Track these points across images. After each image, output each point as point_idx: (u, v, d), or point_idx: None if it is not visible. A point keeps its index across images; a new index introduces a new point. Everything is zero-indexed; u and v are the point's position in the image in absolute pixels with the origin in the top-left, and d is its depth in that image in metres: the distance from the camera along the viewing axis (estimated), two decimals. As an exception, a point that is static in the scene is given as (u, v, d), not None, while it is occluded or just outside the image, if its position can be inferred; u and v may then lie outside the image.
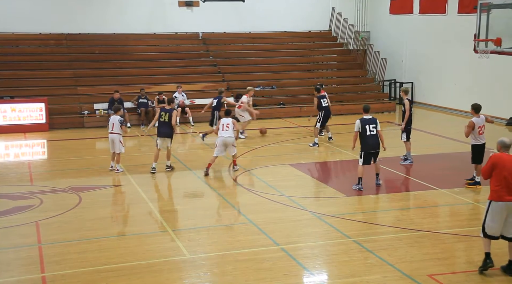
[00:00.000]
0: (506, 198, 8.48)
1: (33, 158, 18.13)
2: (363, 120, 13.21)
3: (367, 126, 13.14)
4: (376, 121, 13.28)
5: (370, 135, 13.15)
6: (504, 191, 8.49)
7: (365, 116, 13.33)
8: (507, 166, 8.54)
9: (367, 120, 13.22)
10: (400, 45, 27.52)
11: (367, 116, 13.33)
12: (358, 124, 13.19)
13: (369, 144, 13.20)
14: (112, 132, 14.93)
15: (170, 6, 27.22)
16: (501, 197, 8.50)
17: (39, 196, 13.02)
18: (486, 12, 16.80)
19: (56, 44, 25.74)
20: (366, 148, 13.23)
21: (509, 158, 8.67)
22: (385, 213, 11.92)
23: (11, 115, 21.15)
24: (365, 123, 13.18)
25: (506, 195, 8.48)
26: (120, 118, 14.96)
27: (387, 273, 8.87)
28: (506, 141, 8.86)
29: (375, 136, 13.23)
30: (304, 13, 28.95)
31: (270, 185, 13.92)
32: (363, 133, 13.17)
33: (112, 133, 14.93)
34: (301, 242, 10.28)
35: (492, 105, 22.12)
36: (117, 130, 14.88)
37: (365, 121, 13.20)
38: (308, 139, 19.04)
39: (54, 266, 9.27)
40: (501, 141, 8.92)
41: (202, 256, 9.70)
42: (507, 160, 8.61)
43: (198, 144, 19.46)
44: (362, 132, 13.17)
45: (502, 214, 8.53)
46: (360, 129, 13.17)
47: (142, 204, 12.74)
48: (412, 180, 14.35)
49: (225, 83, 25.08)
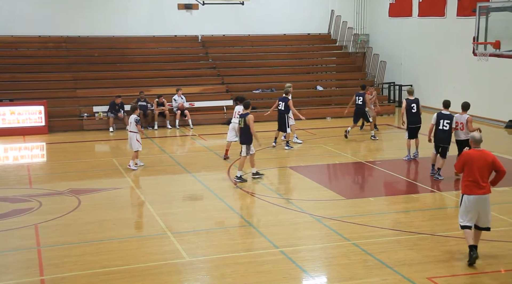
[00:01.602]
0: (477, 192, 9.06)
1: (32, 161, 18.12)
2: (439, 115, 14.08)
3: (441, 121, 14.01)
4: (451, 118, 13.94)
5: (442, 129, 14.03)
6: (475, 185, 9.07)
7: (443, 111, 14.09)
8: (476, 162, 9.09)
9: (444, 115, 14.02)
10: (399, 48, 27.55)
11: (445, 111, 14.08)
12: (435, 117, 14.12)
13: (440, 138, 14.12)
14: (130, 131, 15.61)
15: (170, 9, 27.24)
16: (472, 190, 9.09)
17: (38, 199, 13.01)
18: (485, 15, 16.83)
19: (55, 47, 25.75)
20: (436, 141, 14.19)
21: (478, 153, 9.18)
22: (384, 216, 11.91)
23: (10, 118, 21.12)
24: (441, 117, 14.04)
25: (476, 189, 9.06)
26: (136, 117, 15.48)
27: (387, 276, 8.87)
28: (476, 136, 9.34)
29: (447, 131, 14.01)
30: (303, 16, 28.98)
31: (270, 187, 13.92)
32: (436, 127, 14.16)
33: (129, 132, 15.64)
34: (300, 245, 10.28)
35: (491, 108, 22.18)
36: (133, 129, 15.45)
37: (441, 116, 14.04)
38: (308, 141, 19.02)
39: (53, 269, 9.25)
40: (471, 136, 9.45)
41: (202, 258, 9.69)
42: (476, 156, 9.15)
43: (198, 146, 19.47)
44: (436, 124, 14.16)
45: (474, 206, 9.10)
46: (435, 122, 14.14)
47: (141, 206, 12.74)
48: (412, 182, 14.35)
49: (224, 86, 25.11)
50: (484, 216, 9.18)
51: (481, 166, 9.07)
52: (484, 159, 9.11)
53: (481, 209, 9.12)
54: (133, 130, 15.47)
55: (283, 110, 17.93)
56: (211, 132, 21.22)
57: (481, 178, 9.06)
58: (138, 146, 15.52)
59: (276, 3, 28.66)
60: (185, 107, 22.57)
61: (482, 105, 22.13)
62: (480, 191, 9.05)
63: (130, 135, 15.55)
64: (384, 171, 15.37)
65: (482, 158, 9.12)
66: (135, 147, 15.51)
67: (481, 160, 9.09)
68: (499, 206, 12.21)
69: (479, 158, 9.11)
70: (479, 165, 9.07)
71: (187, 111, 22.43)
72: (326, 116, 23.94)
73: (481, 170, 9.06)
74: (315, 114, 23.65)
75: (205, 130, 21.57)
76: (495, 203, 12.46)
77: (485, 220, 9.21)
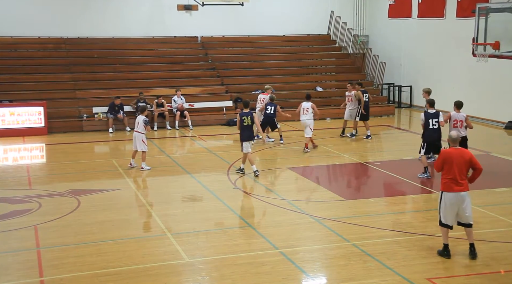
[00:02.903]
0: (455, 189, 9.31)
1: (32, 162, 18.11)
2: (427, 115, 14.33)
3: (430, 120, 14.28)
4: (438, 115, 14.26)
5: (432, 129, 14.31)
6: (453, 182, 9.32)
7: (429, 110, 14.35)
8: (455, 160, 9.35)
9: (431, 115, 14.27)
10: (398, 49, 27.55)
11: (431, 110, 14.34)
12: (423, 118, 14.44)
13: (432, 136, 14.39)
14: (136, 131, 15.63)
15: (169, 10, 27.23)
16: (451, 187, 9.33)
17: (37, 200, 13.00)
18: (485, 16, 16.85)
19: (54, 48, 25.73)
20: (427, 139, 14.48)
21: (457, 151, 9.46)
22: (384, 217, 11.91)
23: (9, 119, 21.11)
24: (429, 117, 14.27)
25: (455, 186, 9.32)
26: (144, 118, 15.57)
27: (386, 277, 8.87)
28: (453, 135, 9.69)
29: (437, 130, 14.32)
30: (303, 17, 28.98)
31: (269, 188, 13.92)
32: (426, 126, 14.40)
33: (135, 132, 15.63)
34: (300, 246, 10.28)
35: (491, 108, 22.18)
36: (140, 129, 15.50)
37: (429, 116, 14.28)
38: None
39: (53, 270, 9.25)
40: (449, 135, 9.91)
41: (201, 260, 9.69)
42: (455, 154, 9.42)
43: (197, 147, 19.46)
44: (425, 125, 14.41)
45: (454, 203, 9.33)
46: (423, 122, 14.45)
47: (140, 207, 12.74)
48: (411, 183, 14.34)
49: (224, 87, 25.11)
50: (464, 212, 9.37)
51: (459, 163, 9.34)
52: (462, 157, 9.39)
53: (460, 205, 9.33)
54: (139, 130, 15.49)
55: (272, 114, 18.37)
56: (210, 133, 21.22)
57: (459, 176, 9.33)
58: (143, 146, 15.51)
59: (275, 4, 28.65)
60: (184, 108, 22.56)
61: (482, 106, 22.14)
62: (458, 187, 9.31)
63: (136, 135, 15.53)
64: (383, 172, 15.37)
65: (460, 156, 9.40)
66: (140, 148, 15.51)
67: (459, 158, 9.36)
68: (499, 206, 12.22)
69: (457, 156, 9.37)
70: (458, 163, 9.33)
71: (186, 112, 22.42)
72: (326, 117, 23.93)
73: (459, 167, 9.34)
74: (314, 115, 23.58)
75: (204, 131, 21.57)
76: (495, 204, 12.52)
77: (466, 216, 9.41)
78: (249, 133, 14.82)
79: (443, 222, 9.46)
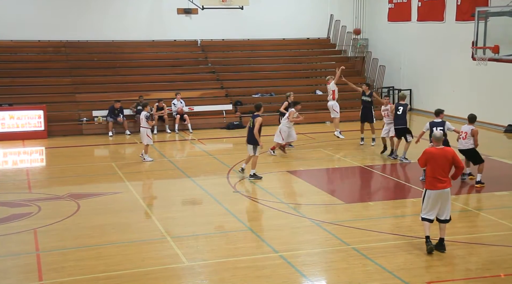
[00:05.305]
0: (439, 186, 9.75)
1: (32, 165, 18.11)
2: (432, 123, 14.19)
3: (434, 128, 14.02)
4: (444, 124, 14.08)
5: None
6: (436, 180, 9.76)
7: (435, 119, 14.24)
8: (438, 159, 9.77)
9: (436, 123, 14.10)
10: (398, 52, 27.57)
11: (437, 119, 14.23)
12: (427, 126, 14.28)
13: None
14: (141, 126, 16.91)
15: (169, 14, 27.23)
16: (434, 185, 9.77)
17: (37, 203, 12.99)
18: (484, 20, 16.88)
19: (54, 51, 25.76)
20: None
21: (439, 151, 9.85)
22: (383, 220, 11.90)
23: (9, 123, 21.11)
24: (433, 125, 14.07)
25: (438, 184, 9.76)
26: (146, 114, 16.76)
27: (386, 280, 8.86)
28: (437, 134, 10.03)
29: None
30: (303, 21, 28.99)
31: (269, 192, 13.91)
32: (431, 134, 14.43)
33: (141, 127, 16.96)
34: (300, 249, 10.27)
35: (490, 112, 22.18)
36: (144, 124, 16.74)
37: (434, 124, 14.12)
38: (307, 145, 19.04)
39: (52, 274, 9.24)
40: (433, 134, 10.27)
41: (201, 263, 9.68)
42: (437, 153, 9.83)
43: (197, 151, 19.46)
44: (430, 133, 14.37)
45: (436, 200, 9.80)
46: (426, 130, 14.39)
47: (140, 211, 12.73)
48: (411, 187, 14.34)
49: (224, 91, 25.12)
50: (444, 208, 9.86)
51: (442, 162, 9.76)
52: (445, 155, 9.80)
53: (442, 201, 9.82)
54: (144, 126, 16.72)
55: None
56: (210, 137, 21.23)
57: (442, 174, 9.76)
58: (148, 140, 16.73)
59: (275, 7, 28.67)
60: (184, 111, 22.57)
61: (481, 110, 22.07)
62: (441, 185, 9.75)
63: (142, 131, 16.84)
64: (383, 175, 15.37)
65: (443, 155, 9.80)
66: (145, 141, 16.74)
67: (442, 157, 9.78)
68: (499, 210, 12.23)
69: (440, 155, 9.80)
70: (441, 161, 9.76)
71: (186, 116, 22.43)
72: (326, 120, 23.94)
73: (442, 166, 9.76)
74: (314, 119, 23.65)
75: (204, 135, 21.58)
76: (495, 207, 12.53)
77: (445, 212, 9.88)
78: (251, 136, 14.74)
79: (425, 217, 9.90)
